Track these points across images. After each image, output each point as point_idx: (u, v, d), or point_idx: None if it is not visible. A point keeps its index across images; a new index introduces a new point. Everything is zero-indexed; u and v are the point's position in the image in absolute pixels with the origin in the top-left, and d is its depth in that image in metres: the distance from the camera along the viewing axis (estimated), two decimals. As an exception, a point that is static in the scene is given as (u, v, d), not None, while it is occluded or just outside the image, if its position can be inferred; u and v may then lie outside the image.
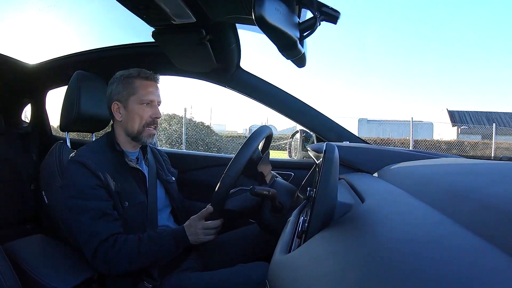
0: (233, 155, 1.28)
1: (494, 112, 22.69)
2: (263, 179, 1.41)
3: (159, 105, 1.45)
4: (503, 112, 22.61)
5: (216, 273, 1.30)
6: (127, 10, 1.35)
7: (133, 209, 1.32)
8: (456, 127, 20.46)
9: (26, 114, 2.87)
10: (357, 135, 1.89)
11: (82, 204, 1.22)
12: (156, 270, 1.30)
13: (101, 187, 1.26)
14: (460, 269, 0.34)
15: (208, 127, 14.01)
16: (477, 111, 23.21)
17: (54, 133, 2.75)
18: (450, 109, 23.45)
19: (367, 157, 1.45)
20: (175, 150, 2.29)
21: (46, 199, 1.52)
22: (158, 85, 1.46)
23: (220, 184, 1.22)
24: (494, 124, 13.98)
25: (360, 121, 23.16)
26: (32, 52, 2.43)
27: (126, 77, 1.40)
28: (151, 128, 1.42)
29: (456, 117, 22.63)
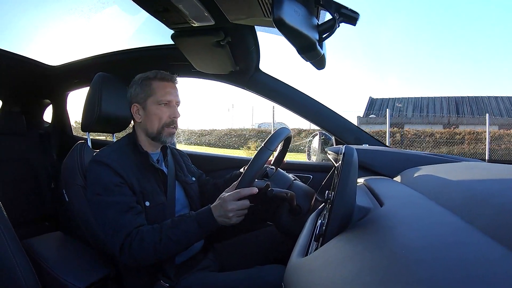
0: (251, 157, 1.28)
1: (430, 97, 21.53)
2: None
3: (178, 105, 1.47)
4: (439, 97, 21.38)
5: (233, 274, 1.31)
6: (147, 13, 1.37)
7: (153, 210, 1.33)
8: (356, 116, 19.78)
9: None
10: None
11: (108, 199, 1.24)
12: (173, 270, 1.31)
13: (124, 184, 1.28)
14: (478, 275, 0.33)
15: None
16: (406, 98, 22.11)
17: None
18: (374, 97, 22.54)
19: (386, 160, 1.43)
20: (194, 151, 2.33)
21: (66, 197, 1.55)
22: (177, 85, 1.48)
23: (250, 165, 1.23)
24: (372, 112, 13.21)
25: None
26: (54, 54, 2.48)
27: (144, 79, 1.43)
28: (171, 128, 1.44)
29: (376, 105, 21.73)
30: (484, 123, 13.79)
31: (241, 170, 1.57)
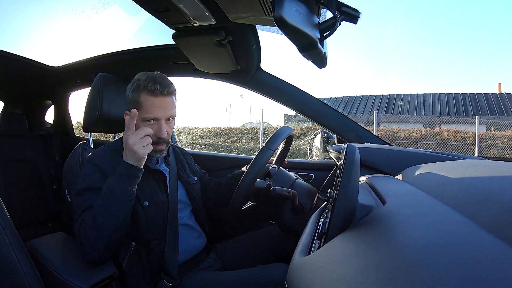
0: (253, 156, 1.28)
1: (364, 95, 20.97)
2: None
3: (172, 118, 1.39)
4: (373, 95, 20.67)
5: (236, 273, 1.30)
6: (148, 13, 1.37)
7: (153, 209, 1.33)
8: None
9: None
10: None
11: (81, 199, 1.24)
12: (176, 269, 1.31)
13: None
14: (481, 273, 0.33)
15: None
16: (341, 97, 21.58)
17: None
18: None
19: (388, 158, 1.43)
20: (196, 151, 2.36)
21: (69, 198, 1.55)
22: (171, 96, 1.37)
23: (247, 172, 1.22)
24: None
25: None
26: (55, 55, 2.49)
27: (136, 87, 1.34)
28: (157, 146, 1.36)
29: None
30: (407, 121, 13.73)
31: (243, 169, 1.57)
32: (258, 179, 1.32)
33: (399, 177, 1.17)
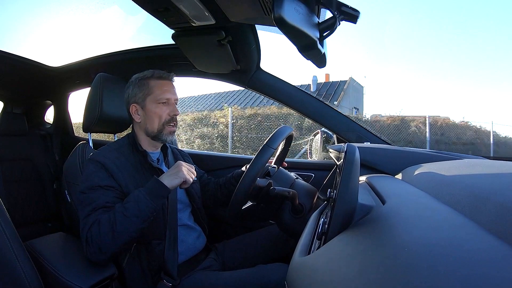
0: (253, 156, 1.28)
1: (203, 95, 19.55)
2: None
3: (176, 102, 1.47)
4: (208, 94, 18.84)
5: (235, 273, 1.31)
6: (147, 13, 1.37)
7: None
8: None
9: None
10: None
11: (89, 197, 1.24)
12: (176, 269, 1.31)
13: (113, 188, 1.28)
14: (481, 273, 0.33)
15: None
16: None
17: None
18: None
19: (388, 158, 1.43)
20: (195, 151, 2.35)
21: (69, 198, 1.55)
22: (174, 83, 1.49)
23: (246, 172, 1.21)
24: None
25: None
26: (55, 55, 2.50)
27: (141, 79, 1.44)
28: (171, 126, 1.44)
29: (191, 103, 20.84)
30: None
31: (243, 168, 1.57)
32: (258, 178, 1.32)
33: (399, 176, 1.17)
